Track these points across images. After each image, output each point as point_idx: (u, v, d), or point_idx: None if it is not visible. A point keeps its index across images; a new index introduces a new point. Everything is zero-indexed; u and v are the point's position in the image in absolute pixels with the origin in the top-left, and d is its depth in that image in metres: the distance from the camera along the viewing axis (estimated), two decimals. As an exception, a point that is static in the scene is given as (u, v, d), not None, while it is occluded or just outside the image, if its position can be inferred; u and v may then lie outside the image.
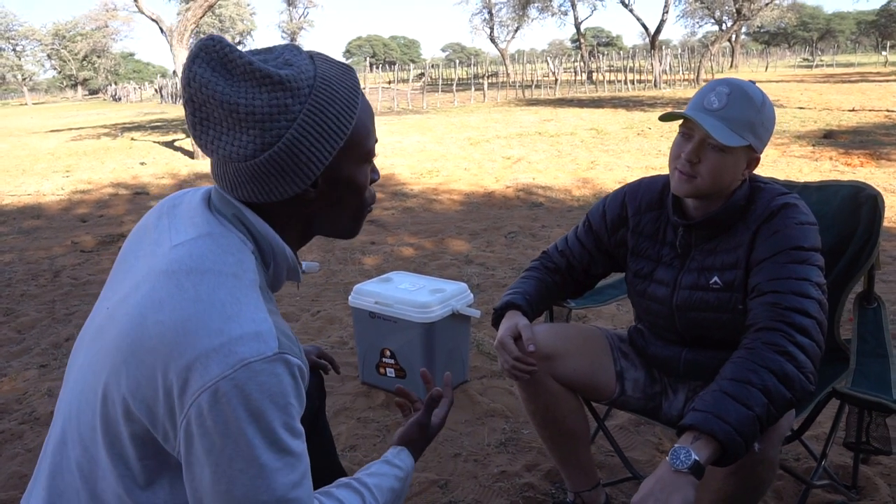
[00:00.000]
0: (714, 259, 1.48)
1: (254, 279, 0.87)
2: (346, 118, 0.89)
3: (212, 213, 0.93)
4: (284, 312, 3.56)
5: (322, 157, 0.88)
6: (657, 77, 24.20)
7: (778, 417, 1.22)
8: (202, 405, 0.77)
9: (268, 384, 0.79)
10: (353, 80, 0.92)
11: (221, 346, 0.78)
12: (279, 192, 0.89)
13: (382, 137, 11.62)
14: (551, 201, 6.21)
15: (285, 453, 0.82)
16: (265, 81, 0.83)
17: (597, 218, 1.70)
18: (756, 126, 1.39)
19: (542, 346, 1.58)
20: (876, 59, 43.82)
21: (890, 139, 8.92)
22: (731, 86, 1.39)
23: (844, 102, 14.91)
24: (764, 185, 1.50)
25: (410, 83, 24.40)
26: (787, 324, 1.27)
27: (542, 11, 37.70)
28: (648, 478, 1.16)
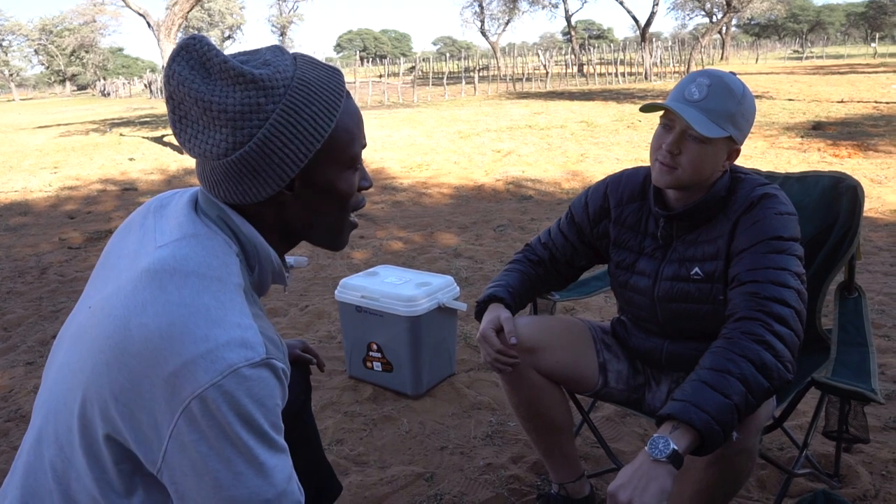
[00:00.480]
0: (695, 250, 1.49)
1: (238, 282, 0.87)
2: (324, 121, 0.88)
3: (198, 214, 0.92)
4: (272, 307, 3.56)
5: (296, 158, 0.87)
6: (648, 69, 24.21)
7: (756, 406, 1.23)
8: (194, 412, 0.77)
9: (255, 389, 0.80)
10: (337, 83, 0.91)
11: (208, 352, 0.78)
12: (254, 192, 0.88)
13: (372, 131, 11.59)
14: (541, 194, 6.22)
15: (277, 449, 0.83)
16: (239, 80, 0.83)
17: (579, 210, 1.70)
18: (736, 117, 1.39)
19: (524, 338, 1.59)
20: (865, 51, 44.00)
21: (877, 130, 8.97)
22: (712, 77, 1.39)
23: (833, 94, 14.96)
24: (744, 175, 1.50)
25: (401, 77, 24.34)
26: (766, 313, 1.27)
27: (532, 4, 37.65)
28: (626, 466, 1.17)
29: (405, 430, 2.31)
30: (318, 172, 0.91)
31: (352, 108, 0.93)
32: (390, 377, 2.57)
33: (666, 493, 1.12)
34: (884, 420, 2.25)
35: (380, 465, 2.11)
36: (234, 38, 52.65)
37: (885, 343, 2.85)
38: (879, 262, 3.92)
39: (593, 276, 2.16)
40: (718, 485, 1.34)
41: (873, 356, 1.59)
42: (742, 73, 26.14)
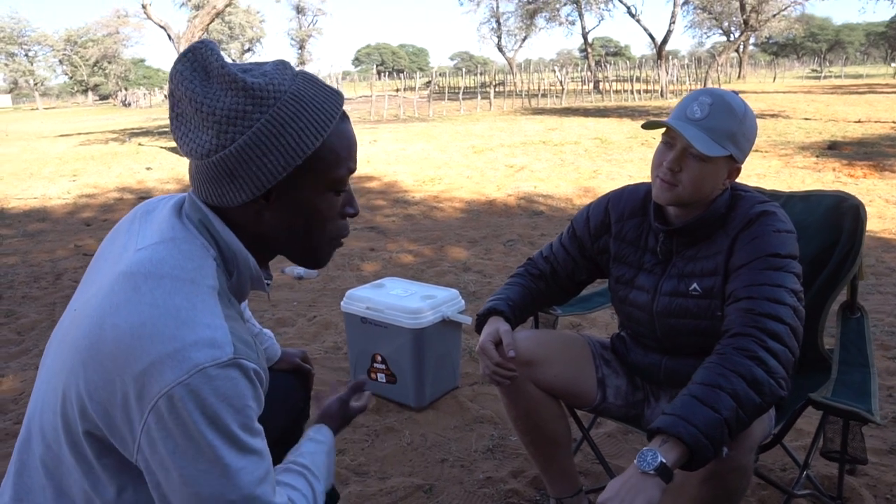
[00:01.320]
0: (694, 266, 1.49)
1: (212, 285, 0.88)
2: (310, 138, 0.89)
3: (180, 218, 0.94)
4: (281, 317, 3.59)
5: (273, 169, 0.88)
6: (664, 87, 24.21)
7: (748, 422, 1.23)
8: (161, 410, 0.79)
9: (223, 388, 0.81)
10: (333, 105, 0.92)
11: (175, 351, 0.80)
12: (230, 196, 0.90)
13: (386, 145, 11.67)
14: (552, 210, 6.22)
15: (247, 452, 0.84)
16: (232, 86, 0.86)
17: (581, 224, 1.71)
18: (737, 136, 1.40)
19: (522, 351, 1.59)
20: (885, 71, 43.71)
21: (894, 151, 8.90)
22: (714, 96, 1.40)
23: (851, 114, 14.86)
24: (745, 193, 1.51)
25: (417, 91, 24.47)
26: (760, 329, 1.28)
27: (549, 21, 37.84)
28: (615, 479, 1.17)
29: (407, 442, 2.32)
30: (297, 188, 0.91)
31: (345, 131, 0.94)
32: (394, 389, 2.58)
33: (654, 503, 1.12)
34: (890, 443, 2.23)
35: (380, 476, 2.12)
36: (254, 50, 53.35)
37: (895, 365, 2.82)
38: (891, 283, 3.88)
39: (596, 292, 2.16)
40: (713, 502, 1.33)
41: (874, 377, 1.59)
42: (759, 91, 26.07)
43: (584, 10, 34.10)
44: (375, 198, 7.03)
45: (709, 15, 39.81)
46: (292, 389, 1.57)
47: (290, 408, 1.56)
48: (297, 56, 46.97)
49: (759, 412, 1.24)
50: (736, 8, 29.31)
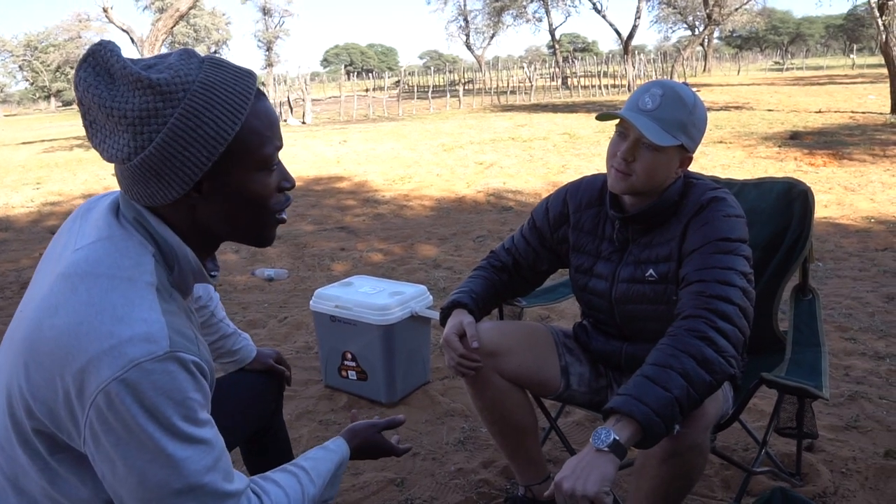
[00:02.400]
0: (650, 252, 1.54)
1: (150, 280, 0.89)
2: (227, 123, 0.88)
3: (116, 216, 0.94)
4: (252, 319, 3.57)
5: (198, 161, 0.88)
6: (631, 82, 24.48)
7: (700, 400, 1.27)
8: (100, 406, 0.81)
9: (160, 382, 0.82)
10: (245, 86, 0.91)
11: (111, 348, 0.81)
12: (161, 195, 0.89)
13: (356, 145, 11.64)
14: (521, 205, 6.27)
15: (192, 441, 0.85)
16: (138, 85, 0.84)
17: (540, 215, 1.75)
18: (688, 126, 1.44)
19: (486, 343, 1.62)
20: (844, 62, 44.71)
21: (853, 139, 9.13)
22: (665, 87, 1.44)
23: (812, 104, 15.20)
24: (696, 181, 1.56)
25: (387, 90, 24.43)
26: (710, 311, 1.32)
27: (517, 18, 38.02)
28: (572, 458, 1.21)
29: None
30: (226, 175, 0.91)
31: (262, 109, 0.93)
32: (365, 386, 2.59)
33: (607, 480, 1.16)
34: (846, 419, 2.30)
35: (352, 472, 2.13)
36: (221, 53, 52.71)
37: (852, 346, 2.91)
38: (849, 267, 3.99)
39: (560, 283, 2.20)
40: (673, 480, 1.38)
41: (825, 356, 1.65)
42: (724, 84, 26.49)
43: (551, 7, 34.33)
44: (345, 198, 7.01)
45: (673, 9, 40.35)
46: (265, 390, 1.58)
47: (262, 408, 1.57)
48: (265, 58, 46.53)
49: (710, 390, 1.28)
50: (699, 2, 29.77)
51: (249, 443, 1.61)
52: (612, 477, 1.16)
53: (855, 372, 2.65)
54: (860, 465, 2.04)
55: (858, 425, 2.27)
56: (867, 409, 2.38)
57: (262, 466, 1.67)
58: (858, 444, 2.16)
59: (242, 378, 1.58)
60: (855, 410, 2.36)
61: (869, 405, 2.40)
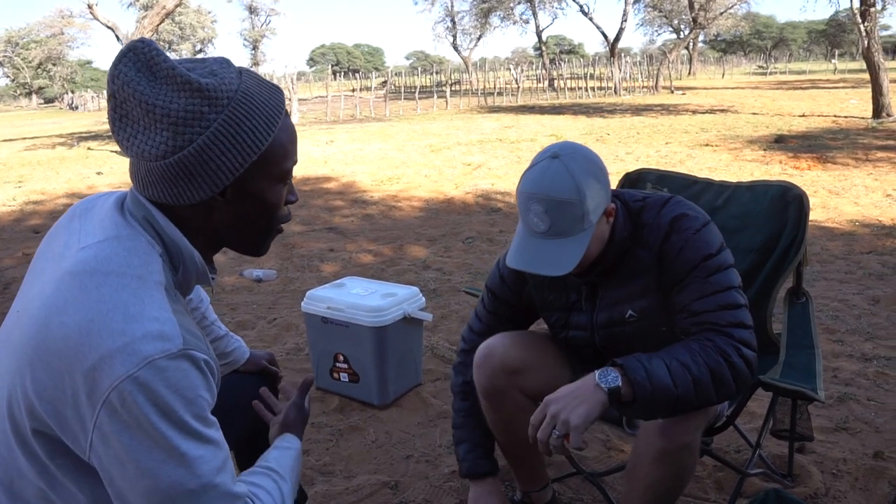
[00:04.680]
0: (622, 291, 1.47)
1: (159, 280, 0.89)
2: (263, 134, 0.91)
3: (122, 215, 0.94)
4: (241, 320, 3.54)
5: (232, 167, 0.90)
6: (617, 84, 24.62)
7: (695, 408, 1.29)
8: (113, 404, 0.80)
9: (174, 379, 0.82)
10: (278, 100, 0.95)
11: (125, 345, 0.80)
12: (187, 196, 0.91)
13: (343, 145, 11.60)
14: (509, 207, 6.28)
15: (204, 441, 0.85)
16: (185, 87, 0.86)
17: (497, 285, 1.66)
18: (587, 210, 1.31)
19: (511, 360, 1.58)
20: (826, 67, 45.26)
21: (836, 143, 9.24)
22: (543, 200, 1.29)
23: (795, 108, 15.37)
24: (639, 202, 1.46)
25: (374, 91, 24.36)
26: (733, 339, 1.31)
27: (503, 20, 38.11)
28: (569, 384, 1.24)
29: (371, 440, 2.33)
30: (250, 182, 0.94)
31: (288, 125, 0.97)
32: (357, 388, 2.58)
33: (592, 418, 1.20)
34: (836, 421, 2.32)
35: (345, 475, 2.12)
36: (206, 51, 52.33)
37: (839, 348, 2.94)
38: (835, 270, 4.04)
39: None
40: (664, 480, 1.39)
41: (819, 358, 1.66)
42: (710, 87, 26.70)
43: (538, 9, 34.45)
44: (334, 198, 6.99)
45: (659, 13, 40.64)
46: (258, 392, 1.56)
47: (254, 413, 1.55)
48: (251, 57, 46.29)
49: (709, 405, 1.31)
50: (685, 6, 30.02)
51: (242, 445, 1.60)
52: (595, 418, 1.21)
53: (843, 374, 2.68)
54: (850, 467, 2.05)
55: (848, 427, 2.30)
56: (856, 410, 2.40)
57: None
58: (848, 445, 2.18)
59: (236, 380, 1.57)
60: (844, 412, 2.38)
61: (858, 407, 2.42)
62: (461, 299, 3.76)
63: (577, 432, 1.19)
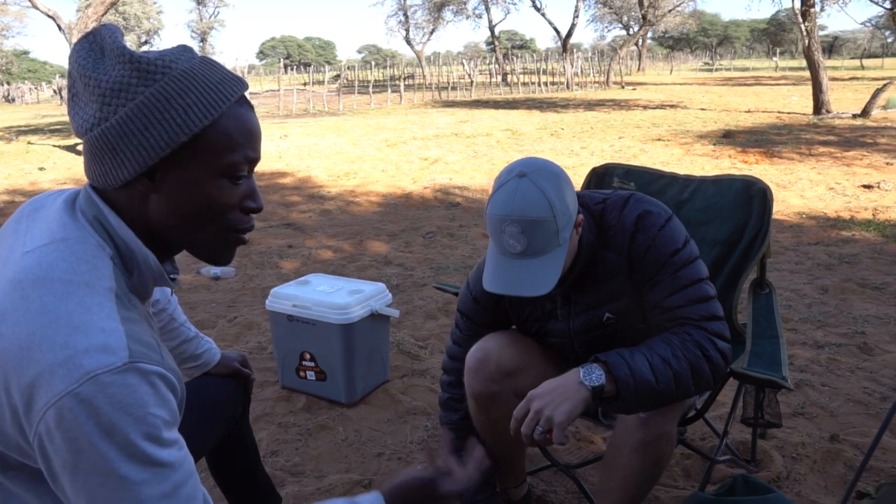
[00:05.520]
0: (597, 294, 1.47)
1: (109, 286, 0.83)
2: (196, 115, 0.84)
3: (72, 215, 0.88)
4: (199, 319, 3.46)
5: (156, 144, 0.83)
6: (569, 79, 24.93)
7: (675, 401, 1.32)
8: (49, 422, 0.74)
9: (118, 396, 0.75)
10: (231, 87, 0.88)
11: (66, 359, 0.74)
12: (112, 174, 0.85)
13: (298, 140, 11.43)
14: (468, 201, 6.30)
15: (150, 464, 0.77)
16: (121, 59, 0.83)
17: (471, 308, 1.64)
18: (560, 225, 1.30)
19: (506, 362, 1.58)
20: (768, 64, 46.76)
21: (781, 138, 9.55)
22: (518, 221, 1.28)
23: (741, 104, 15.84)
24: (599, 205, 1.46)
25: (326, 85, 24.06)
26: (708, 332, 1.33)
27: (456, 14, 38.13)
28: (553, 379, 1.25)
29: (341, 439, 2.30)
30: (183, 169, 0.86)
31: (242, 116, 0.89)
32: (324, 386, 2.54)
33: (575, 414, 1.22)
34: (793, 407, 2.40)
35: (316, 475, 2.09)
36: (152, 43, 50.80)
37: (793, 336, 3.04)
38: (786, 260, 4.17)
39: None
40: (642, 469, 1.41)
41: (783, 347, 1.71)
42: (659, 83, 27.27)
43: (491, 4, 34.59)
44: (290, 194, 6.88)
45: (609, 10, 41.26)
46: (231, 395, 1.53)
47: (229, 414, 1.52)
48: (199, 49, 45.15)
49: (687, 397, 1.34)
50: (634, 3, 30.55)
51: (216, 450, 1.56)
52: (578, 414, 1.22)
53: (798, 361, 2.77)
54: (808, 450, 2.13)
55: (805, 412, 2.38)
56: (811, 396, 2.49)
57: (229, 474, 1.62)
58: (806, 429, 2.26)
59: (207, 383, 1.52)
60: (801, 398, 2.47)
61: (813, 392, 2.51)
62: (424, 294, 3.75)
63: (559, 429, 1.20)
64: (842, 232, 4.79)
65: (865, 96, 13.42)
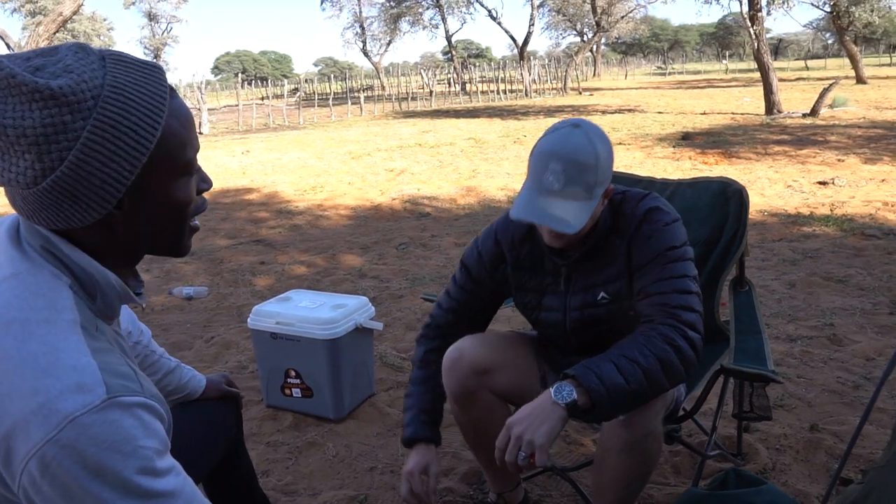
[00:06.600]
0: (597, 275, 1.53)
1: (71, 318, 0.78)
2: (147, 131, 0.78)
3: (18, 247, 0.82)
4: (175, 341, 3.40)
5: (119, 177, 0.77)
6: (527, 86, 25.22)
7: (649, 399, 1.36)
8: (33, 473, 0.70)
9: (103, 435, 0.71)
10: (158, 83, 0.80)
11: (40, 406, 0.70)
12: (78, 218, 0.78)
13: (260, 155, 11.32)
14: (438, 211, 6.32)
15: (148, 497, 0.74)
16: (35, 97, 0.71)
17: (473, 261, 1.67)
18: (599, 180, 1.38)
19: (478, 360, 1.61)
20: (718, 67, 48.04)
21: (737, 139, 9.82)
22: (563, 160, 1.35)
23: (696, 107, 16.23)
24: (623, 195, 1.54)
25: (285, 98, 23.91)
26: (678, 320, 1.37)
27: (413, 25, 38.27)
28: (528, 404, 1.28)
29: (332, 455, 2.29)
30: (149, 186, 0.81)
31: (178, 108, 0.83)
32: (311, 402, 2.52)
33: (555, 434, 1.25)
34: (773, 399, 2.47)
35: (310, 493, 2.07)
36: (101, 61, 49.53)
37: (766, 331, 3.12)
38: (752, 258, 4.29)
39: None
40: (632, 468, 1.44)
41: (766, 342, 1.76)
42: (615, 88, 27.77)
43: (447, 14, 34.82)
44: (257, 210, 6.81)
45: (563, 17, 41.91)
46: (225, 417, 1.51)
47: (225, 436, 1.50)
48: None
49: (661, 392, 1.36)
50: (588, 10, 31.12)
51: (215, 473, 1.53)
52: (558, 433, 1.25)
53: (774, 355, 2.81)
54: (791, 441, 2.19)
55: (784, 404, 2.45)
56: (789, 388, 2.57)
57: (227, 497, 1.60)
58: (787, 421, 2.33)
59: (198, 408, 1.50)
60: (779, 390, 2.54)
61: (790, 384, 2.59)
62: (402, 305, 3.75)
63: (542, 451, 1.24)
64: (803, 228, 4.95)
65: (812, 96, 13.89)
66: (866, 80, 21.47)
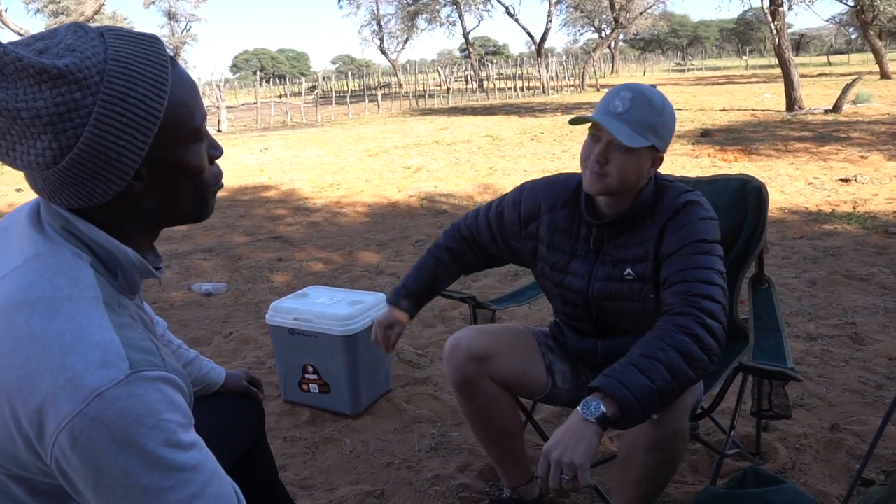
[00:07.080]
0: (626, 252, 1.57)
1: (94, 295, 0.80)
2: (154, 101, 0.80)
3: (39, 229, 0.84)
4: (194, 336, 3.43)
5: (134, 147, 0.79)
6: (545, 83, 25.11)
7: (679, 393, 1.34)
8: (63, 445, 0.73)
9: (128, 409, 0.74)
10: (157, 53, 0.82)
11: (67, 381, 0.73)
12: (100, 193, 0.81)
13: (278, 152, 11.39)
14: (455, 208, 6.32)
15: (172, 471, 0.77)
16: (43, 77, 0.73)
17: (511, 207, 1.74)
18: (658, 127, 1.48)
19: (476, 347, 1.65)
20: (738, 63, 47.48)
21: (758, 136, 9.71)
22: (633, 91, 1.48)
23: (716, 103, 16.06)
24: (669, 183, 1.61)
25: (303, 96, 24.01)
26: (698, 309, 1.37)
27: (430, 22, 38.22)
28: (560, 427, 1.27)
29: (349, 450, 2.30)
30: (163, 155, 0.83)
31: (181, 76, 0.85)
32: (328, 398, 2.54)
33: (592, 451, 1.23)
34: (793, 398, 2.44)
35: (327, 488, 2.09)
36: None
37: (787, 329, 3.09)
38: (773, 255, 4.24)
39: (527, 286, 2.24)
40: (658, 467, 1.44)
41: (786, 340, 1.75)
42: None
43: (465, 11, 34.76)
44: (275, 207, 6.85)
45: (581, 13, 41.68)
46: (246, 412, 1.52)
47: (247, 432, 1.51)
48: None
49: (690, 384, 1.35)
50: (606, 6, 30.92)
51: (235, 469, 1.54)
52: (596, 449, 1.24)
53: (794, 353, 2.80)
54: (811, 441, 2.17)
55: (804, 403, 2.43)
56: (809, 387, 2.54)
57: (248, 490, 1.60)
58: (807, 420, 2.31)
59: (215, 404, 1.50)
60: (799, 389, 2.51)
61: (810, 384, 2.56)
62: (419, 303, 3.76)
63: (583, 471, 1.22)
64: (824, 225, 4.89)
65: (835, 92, 13.70)
66: (891, 76, 21.08)
